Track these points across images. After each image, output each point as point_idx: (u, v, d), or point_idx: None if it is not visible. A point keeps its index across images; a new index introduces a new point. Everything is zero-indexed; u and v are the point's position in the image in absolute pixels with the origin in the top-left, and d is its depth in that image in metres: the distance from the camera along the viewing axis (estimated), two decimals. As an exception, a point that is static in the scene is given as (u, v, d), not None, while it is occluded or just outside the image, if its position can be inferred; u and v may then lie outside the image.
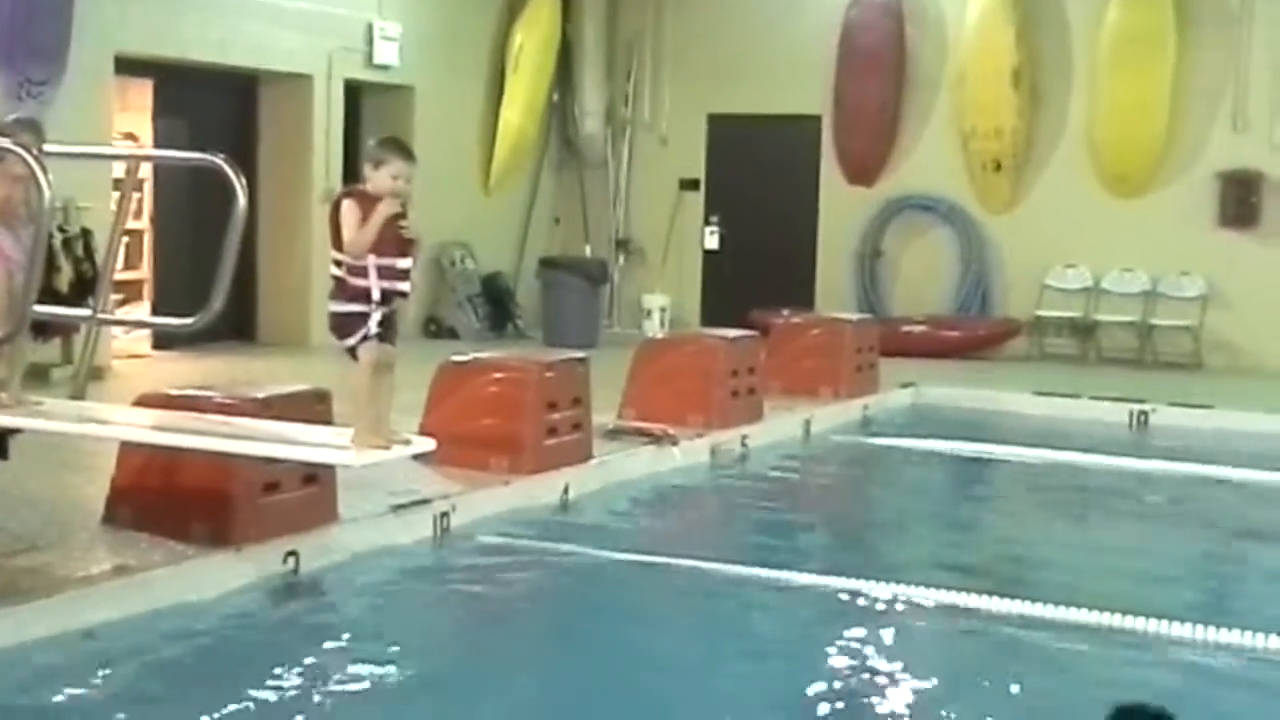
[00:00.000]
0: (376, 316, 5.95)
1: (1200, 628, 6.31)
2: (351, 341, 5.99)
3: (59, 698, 5.28)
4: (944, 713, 5.34)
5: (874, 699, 5.53)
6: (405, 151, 6.08)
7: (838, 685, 5.72)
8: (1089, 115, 15.34)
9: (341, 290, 6.00)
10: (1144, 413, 11.98)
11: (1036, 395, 12.62)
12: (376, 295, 5.94)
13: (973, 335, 15.45)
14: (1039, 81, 15.53)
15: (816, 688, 5.70)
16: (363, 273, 5.93)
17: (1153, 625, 6.36)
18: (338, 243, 5.99)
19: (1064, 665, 6.07)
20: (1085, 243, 15.34)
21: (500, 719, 5.33)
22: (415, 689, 5.59)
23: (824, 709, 5.42)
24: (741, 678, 5.85)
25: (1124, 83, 14.91)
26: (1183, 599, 7.05)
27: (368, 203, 5.95)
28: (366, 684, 5.54)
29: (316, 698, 5.36)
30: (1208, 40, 14.91)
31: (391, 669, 5.75)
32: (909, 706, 5.39)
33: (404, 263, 6.02)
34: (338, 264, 6.00)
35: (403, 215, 6.00)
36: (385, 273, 5.95)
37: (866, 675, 5.94)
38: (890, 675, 5.94)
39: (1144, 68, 14.86)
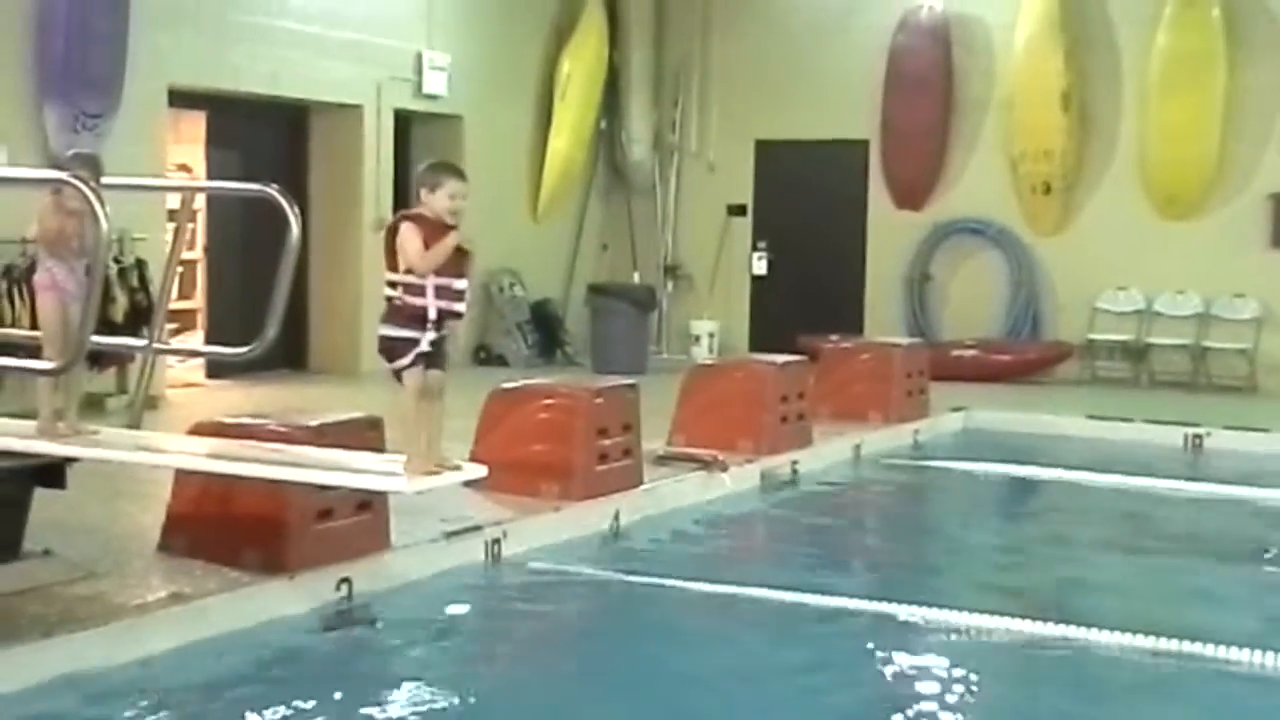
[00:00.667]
0: (427, 340, 5.98)
1: (1257, 653, 6.24)
2: (401, 364, 6.02)
3: (116, 724, 5.33)
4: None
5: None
6: (458, 171, 6.17)
7: (888, 710, 5.69)
8: (1139, 137, 15.27)
9: (396, 313, 6.04)
10: (1198, 436, 11.87)
11: (1089, 419, 12.53)
12: (433, 315, 5.97)
13: (1023, 359, 15.37)
14: (1088, 103, 15.47)
15: (867, 713, 5.68)
16: (420, 292, 5.97)
17: (1208, 650, 6.30)
18: (393, 264, 6.03)
19: (1116, 692, 6.02)
20: (1136, 265, 15.24)
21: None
22: (468, 715, 5.60)
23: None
24: (792, 703, 5.82)
25: (1174, 104, 14.83)
26: (1238, 624, 6.97)
27: (426, 225, 5.99)
28: (419, 711, 5.55)
29: (370, 724, 5.38)
30: (1258, 61, 14.81)
31: (444, 696, 5.76)
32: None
33: (460, 283, 6.07)
34: (393, 285, 6.04)
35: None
36: (443, 293, 6.00)
37: (917, 700, 5.91)
38: (941, 700, 5.90)
39: (1194, 89, 14.78)
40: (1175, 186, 15.08)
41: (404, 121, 15.02)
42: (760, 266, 17.07)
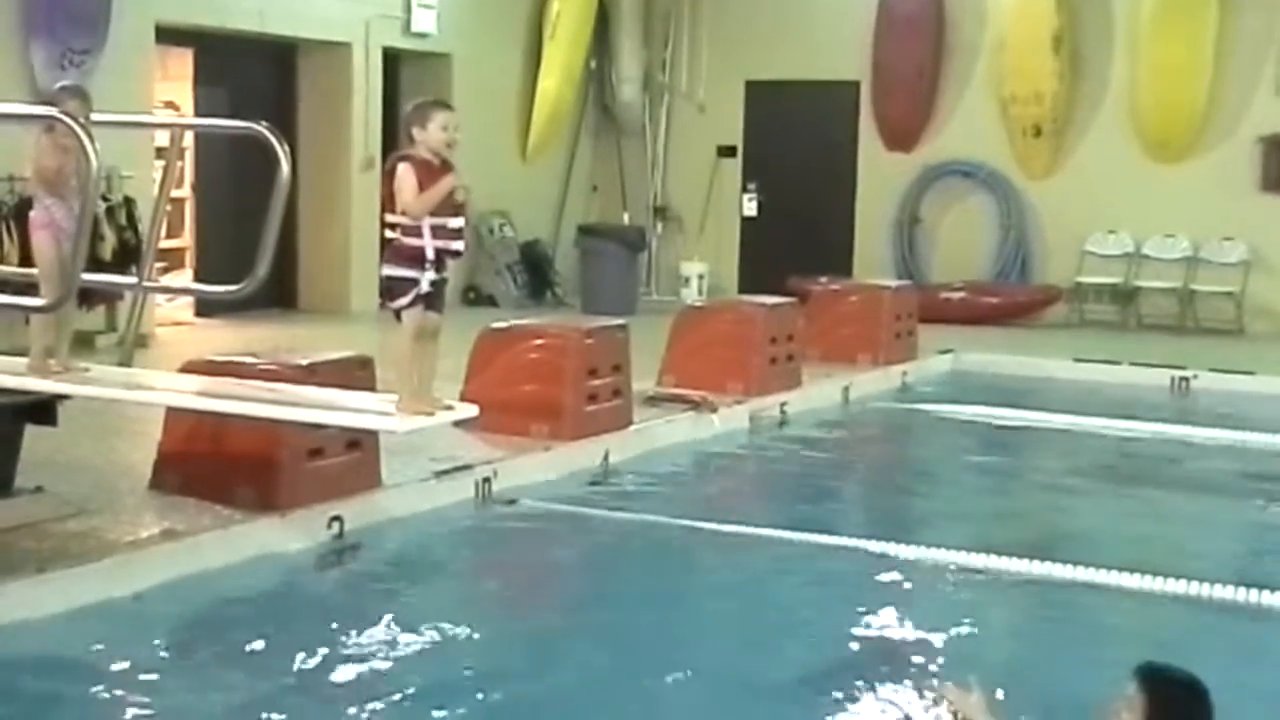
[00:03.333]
0: (427, 280, 5.97)
1: (1240, 590, 6.31)
2: (400, 304, 6.01)
3: (109, 659, 5.37)
4: (975, 674, 5.34)
5: (906, 658, 5.56)
6: (444, 104, 6.15)
7: (874, 644, 5.75)
8: (1130, 80, 15.22)
9: (395, 254, 6.01)
10: (1185, 379, 11.93)
11: (1076, 362, 12.57)
12: (430, 255, 5.95)
13: (1012, 302, 15.39)
14: (1079, 46, 15.42)
15: (851, 647, 5.75)
16: (417, 233, 5.94)
17: (1192, 588, 6.37)
18: (392, 206, 6.01)
19: (1099, 628, 6.10)
20: (1126, 208, 15.25)
21: (541, 679, 5.38)
22: (457, 650, 5.65)
23: (858, 666, 5.45)
24: (779, 637, 5.89)
25: (1165, 47, 14.78)
26: (1223, 563, 7.05)
27: (422, 167, 5.96)
28: (409, 646, 5.60)
29: (361, 659, 5.42)
30: (1249, 5, 14.76)
31: (434, 632, 5.80)
32: (940, 667, 5.41)
33: (456, 221, 6.04)
34: (391, 226, 6.02)
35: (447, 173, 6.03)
36: (439, 232, 5.97)
37: (900, 636, 5.98)
38: (923, 636, 5.97)
39: (1185, 32, 14.73)
40: (1165, 130, 15.06)
41: (392, 60, 14.93)
42: (750, 208, 17.04)
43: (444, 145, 5.99)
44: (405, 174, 5.96)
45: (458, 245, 6.06)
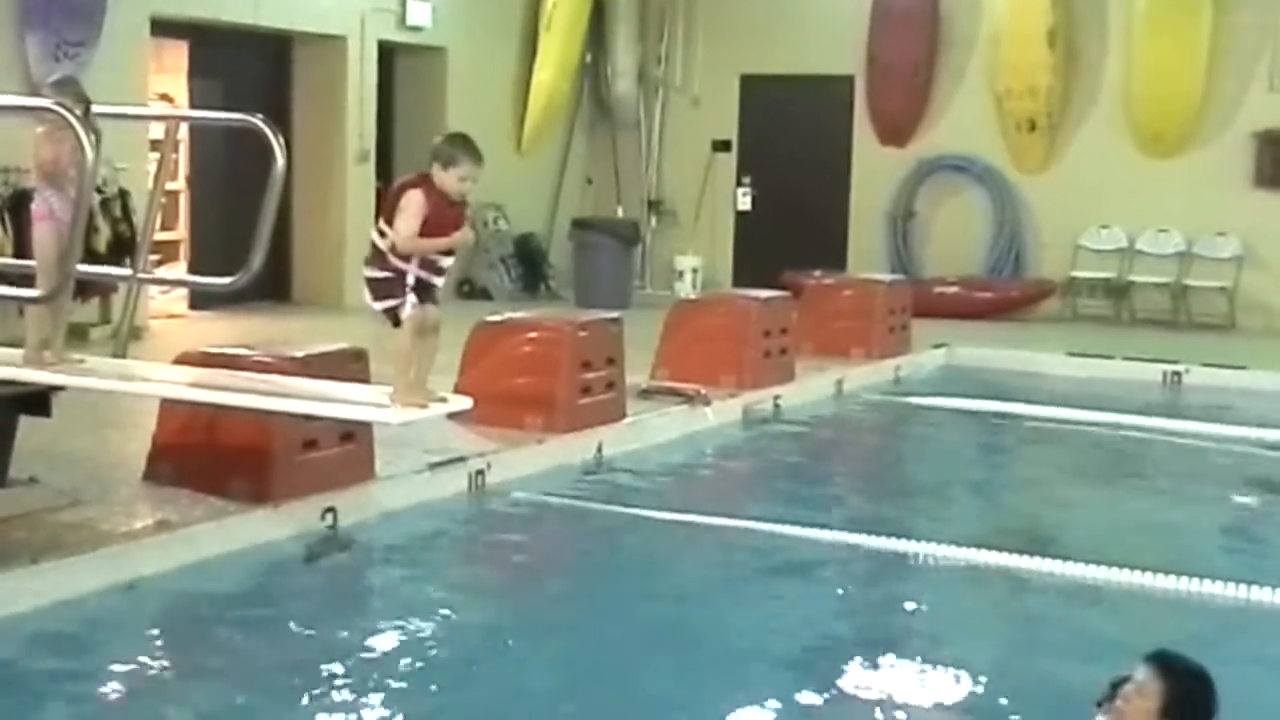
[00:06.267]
0: (412, 279, 5.97)
1: (1231, 586, 6.34)
2: (390, 304, 6.00)
3: (103, 649, 5.40)
4: (966, 667, 5.39)
5: (897, 651, 5.58)
6: (477, 155, 6.00)
7: (866, 638, 5.78)
8: (1124, 75, 15.24)
9: (379, 258, 5.99)
10: (1177, 373, 11.96)
11: (1069, 356, 12.59)
12: (410, 281, 5.94)
13: (1006, 296, 15.42)
14: (1074, 41, 15.43)
15: (842, 640, 5.78)
16: (405, 258, 5.95)
17: (1183, 584, 6.40)
18: (389, 217, 5.97)
19: (1090, 623, 6.12)
20: (1120, 203, 15.27)
21: (532, 672, 5.40)
22: (449, 642, 5.67)
23: (849, 660, 5.48)
24: (770, 632, 5.91)
25: (1160, 42, 14.79)
26: (1214, 558, 7.08)
27: (434, 200, 5.90)
28: (401, 637, 5.62)
29: (353, 650, 5.44)
30: (1244, 0, 14.79)
31: (426, 623, 5.83)
32: (931, 660, 5.44)
33: (447, 261, 6.05)
34: (382, 234, 5.99)
35: (460, 212, 6.02)
36: (427, 265, 5.98)
37: (891, 628, 6.02)
38: (914, 629, 6.01)
39: (1180, 27, 14.75)
40: (1160, 124, 15.09)
41: (388, 53, 14.93)
42: (744, 202, 17.05)
43: (456, 194, 5.96)
44: (414, 203, 5.88)
45: (439, 280, 6.04)
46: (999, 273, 15.80)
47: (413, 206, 5.88)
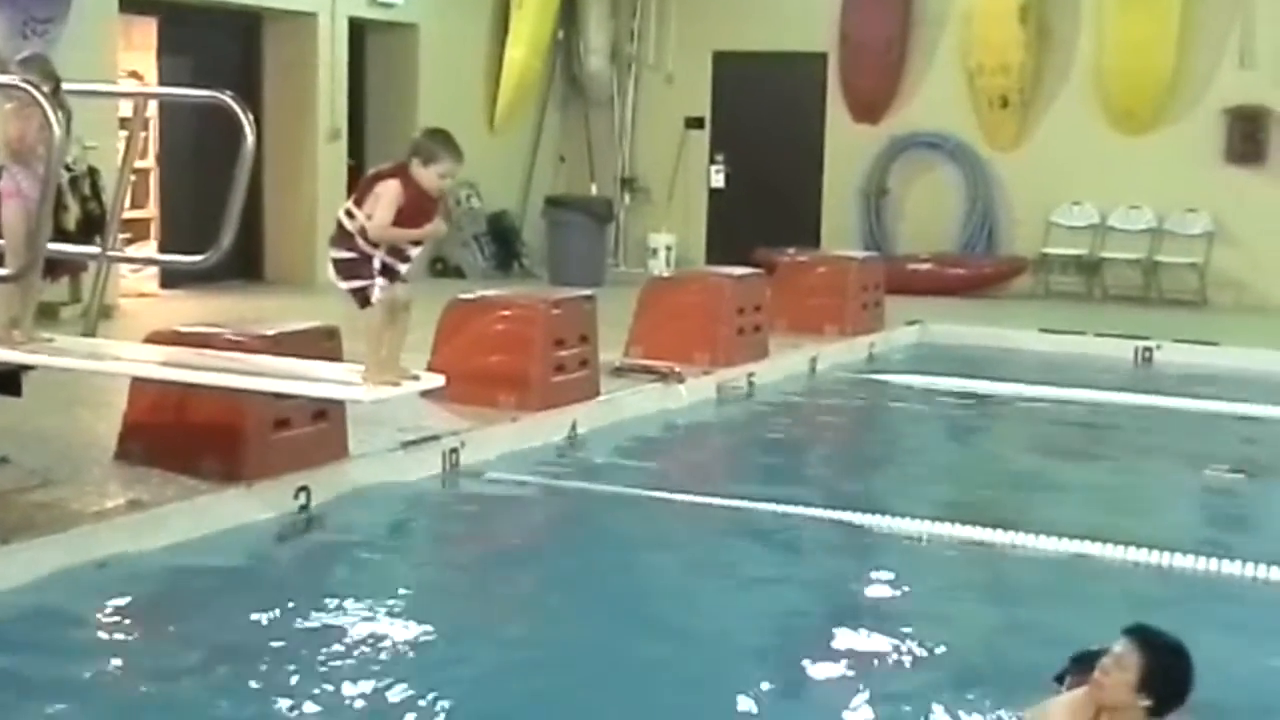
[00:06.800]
0: (378, 264, 5.96)
1: (1202, 560, 6.38)
2: (357, 285, 5.98)
3: (74, 628, 5.37)
4: (939, 641, 5.42)
5: (870, 626, 5.60)
6: (458, 153, 6.02)
7: (841, 613, 5.80)
8: (1096, 51, 15.27)
9: (346, 239, 5.98)
10: (1148, 349, 12.02)
11: (1042, 332, 12.65)
12: (377, 265, 5.95)
13: (978, 273, 15.46)
14: (1046, 17, 15.44)
15: (820, 616, 5.79)
16: (375, 244, 5.94)
17: (1154, 557, 6.44)
18: (360, 200, 5.95)
19: (1062, 596, 6.15)
20: (1092, 180, 15.31)
21: (506, 651, 5.40)
22: (423, 621, 5.66)
23: (822, 635, 5.50)
24: (746, 607, 5.92)
25: (1132, 19, 14.82)
26: (1185, 532, 7.12)
27: (410, 192, 5.90)
28: (375, 617, 5.61)
29: (325, 630, 5.43)
30: (1216, -25, 14.85)
31: (400, 602, 5.83)
32: (903, 634, 5.45)
33: (414, 250, 6.06)
34: (350, 215, 5.97)
35: (434, 204, 6.02)
36: (394, 253, 5.98)
37: (865, 604, 6.04)
38: (887, 604, 6.03)
39: (1151, 4, 14.77)
40: (1131, 101, 15.13)
41: (359, 30, 14.84)
42: (718, 179, 17.03)
43: (434, 190, 5.96)
44: (391, 193, 5.88)
45: (404, 268, 6.05)
46: (972, 249, 15.83)
47: (389, 196, 5.88)
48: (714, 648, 5.45)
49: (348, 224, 5.98)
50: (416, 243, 6.07)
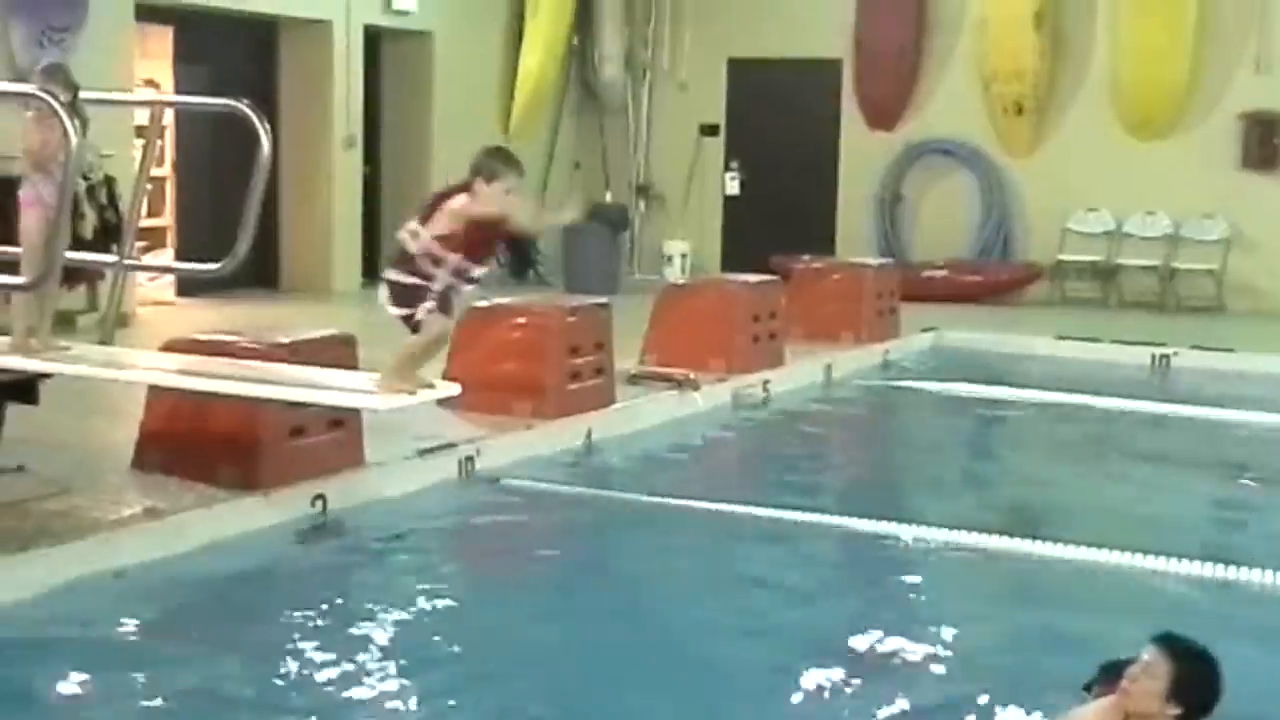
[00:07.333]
0: (440, 286, 5.99)
1: (1219, 568, 6.36)
2: (409, 313, 6.00)
3: (91, 636, 5.38)
4: (963, 650, 5.40)
5: (893, 634, 5.58)
6: (519, 166, 6.08)
7: (856, 622, 5.78)
8: (1111, 58, 15.25)
9: (408, 262, 6.00)
10: (1165, 356, 11.98)
11: (1058, 339, 12.61)
12: (437, 287, 5.98)
13: (994, 280, 15.43)
14: (1061, 24, 15.43)
15: (836, 625, 5.77)
16: (439, 264, 5.96)
17: (1171, 565, 6.41)
18: (425, 219, 5.97)
19: (1081, 604, 6.12)
20: (1107, 186, 15.28)
21: (522, 658, 5.39)
22: (439, 629, 5.66)
23: (843, 643, 5.48)
24: (761, 615, 5.91)
25: (1146, 25, 14.80)
26: (1201, 540, 7.09)
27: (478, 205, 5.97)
28: (392, 624, 5.61)
29: (342, 637, 5.43)
30: (1231, -19, 14.82)
31: (416, 610, 5.82)
32: (927, 643, 5.44)
33: (478, 271, 6.10)
34: (414, 235, 5.98)
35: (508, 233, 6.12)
36: (459, 273, 6.01)
37: (884, 613, 6.00)
38: (909, 612, 6.00)
39: (1166, 10, 14.76)
40: (1146, 107, 15.10)
41: (374, 38, 14.88)
42: (733, 186, 17.03)
43: (500, 207, 6.00)
44: (464, 204, 5.94)
45: (468, 289, 6.15)
46: (987, 256, 15.81)
47: (484, 194, 5.92)
48: (733, 655, 5.44)
49: (411, 245, 5.98)
50: (482, 264, 6.08)
